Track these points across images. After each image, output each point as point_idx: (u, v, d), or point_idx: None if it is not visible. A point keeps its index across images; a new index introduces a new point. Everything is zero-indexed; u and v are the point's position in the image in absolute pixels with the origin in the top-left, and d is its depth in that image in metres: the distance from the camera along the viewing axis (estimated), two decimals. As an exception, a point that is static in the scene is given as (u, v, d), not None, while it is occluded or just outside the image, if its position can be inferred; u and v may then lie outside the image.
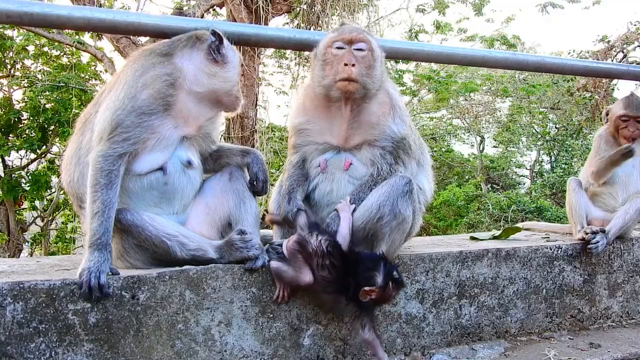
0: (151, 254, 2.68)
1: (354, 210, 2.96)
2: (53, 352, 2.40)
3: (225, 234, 2.89)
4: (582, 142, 20.64)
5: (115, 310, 2.51)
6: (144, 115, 2.66)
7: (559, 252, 3.62)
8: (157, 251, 2.66)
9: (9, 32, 15.16)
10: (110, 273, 2.52)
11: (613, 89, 15.26)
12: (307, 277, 2.72)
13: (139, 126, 2.65)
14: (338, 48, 3.00)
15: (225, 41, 2.93)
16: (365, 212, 2.94)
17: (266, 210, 3.49)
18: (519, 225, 4.50)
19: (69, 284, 2.44)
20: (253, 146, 11.86)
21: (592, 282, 3.72)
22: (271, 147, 14.02)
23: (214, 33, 2.88)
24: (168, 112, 2.73)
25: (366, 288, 2.65)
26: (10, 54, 15.53)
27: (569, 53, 17.99)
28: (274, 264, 2.76)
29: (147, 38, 13.78)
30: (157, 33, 3.10)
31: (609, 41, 16.32)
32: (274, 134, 14.46)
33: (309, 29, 12.71)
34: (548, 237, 4.01)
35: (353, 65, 2.93)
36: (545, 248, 3.58)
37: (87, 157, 2.67)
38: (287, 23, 14.53)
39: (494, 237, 3.96)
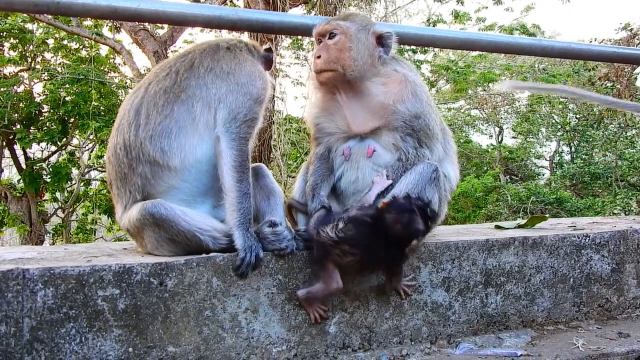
0: (184, 246, 2.70)
1: (391, 187, 2.95)
2: (83, 337, 2.42)
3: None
4: (603, 132, 20.35)
5: (144, 296, 2.53)
6: (262, 104, 2.91)
7: (587, 240, 3.56)
8: (189, 244, 2.69)
9: (29, 26, 15.35)
10: None
11: (636, 78, 15.01)
12: (334, 284, 2.73)
13: (259, 113, 2.90)
14: (318, 42, 3.10)
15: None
16: None
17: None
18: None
19: (98, 271, 2.46)
20: (270, 137, 11.87)
21: (620, 271, 3.67)
22: (289, 139, 14.04)
23: (269, 49, 3.13)
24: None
25: (413, 243, 2.66)
26: (31, 47, 15.74)
27: (590, 42, 17.70)
28: (301, 293, 2.77)
29: (165, 30, 13.89)
30: (182, 21, 3.11)
31: (631, 29, 16.03)
32: (291, 126, 14.47)
33: (326, 20, 12.65)
34: (574, 226, 3.96)
35: (318, 57, 3.03)
36: (573, 237, 3.52)
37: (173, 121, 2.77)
38: (304, 14, 14.48)
39: (520, 226, 3.91)
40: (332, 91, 3.15)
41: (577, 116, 23.21)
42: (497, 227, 3.91)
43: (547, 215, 4.30)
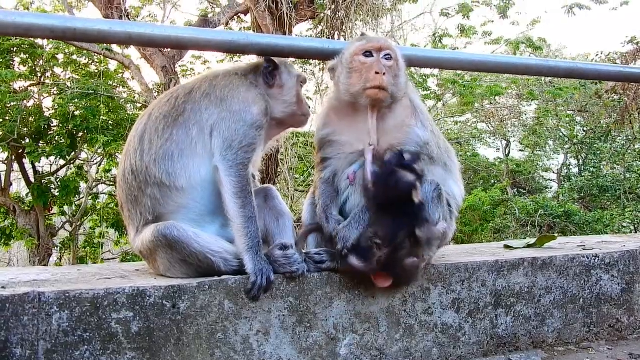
0: (196, 268, 2.74)
1: None
2: (97, 360, 2.45)
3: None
4: (610, 144, 20.29)
5: (157, 319, 2.55)
6: (259, 129, 2.91)
7: (596, 260, 3.56)
8: (201, 266, 2.73)
9: (39, 41, 15.52)
10: None
11: (643, 92, 14.96)
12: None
13: (257, 138, 2.91)
14: (366, 56, 3.01)
15: (283, 66, 3.12)
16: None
17: (299, 220, 3.51)
18: None
19: (112, 293, 2.49)
20: (277, 152, 11.92)
21: (630, 291, 3.66)
22: (296, 153, 14.10)
23: (268, 60, 3.07)
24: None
25: (413, 191, 2.79)
26: (41, 62, 15.91)
27: (597, 55, 17.74)
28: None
29: (174, 45, 14.02)
30: (194, 46, 3.17)
31: (637, 42, 16.05)
32: (298, 140, 14.51)
33: (333, 35, 12.75)
34: (584, 246, 3.96)
35: (384, 74, 2.95)
36: (582, 257, 3.53)
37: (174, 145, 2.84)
38: (311, 29, 14.61)
39: (529, 246, 3.91)
40: (360, 110, 3.07)
41: (585, 129, 23.17)
42: (506, 246, 3.91)
43: (556, 235, 4.30)
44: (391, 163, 2.88)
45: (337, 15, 13.03)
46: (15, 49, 15.11)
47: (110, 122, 15.20)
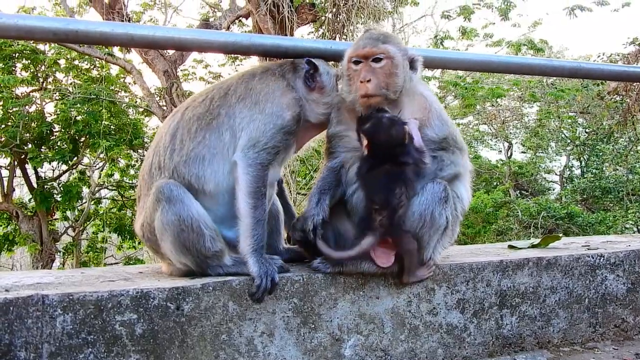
0: (184, 239, 2.71)
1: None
2: (101, 363, 2.44)
3: None
4: (613, 146, 20.26)
5: (161, 321, 2.54)
6: (288, 134, 2.92)
7: (601, 260, 3.55)
8: (190, 238, 2.70)
9: (41, 47, 15.58)
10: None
11: (645, 92, 14.93)
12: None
13: (283, 142, 2.90)
14: (355, 63, 2.98)
15: (322, 67, 3.09)
16: (407, 221, 2.92)
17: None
18: None
19: (115, 296, 2.49)
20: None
21: (636, 290, 3.64)
22: (298, 156, 14.09)
23: (308, 62, 3.05)
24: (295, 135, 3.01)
25: (405, 128, 2.82)
26: (43, 67, 15.96)
27: (598, 56, 17.73)
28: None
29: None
30: (197, 47, 3.17)
31: (639, 43, 16.04)
32: (300, 142, 14.48)
33: (334, 38, 12.77)
34: (588, 245, 3.94)
35: (368, 81, 2.91)
36: (587, 257, 3.51)
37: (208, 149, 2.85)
38: (312, 32, 14.63)
39: (533, 246, 3.89)
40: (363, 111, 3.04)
41: (587, 130, 23.15)
42: (511, 247, 3.89)
43: (560, 235, 4.28)
44: (374, 112, 2.88)
45: (338, 19, 13.05)
46: (17, 54, 15.18)
47: (112, 126, 15.25)
